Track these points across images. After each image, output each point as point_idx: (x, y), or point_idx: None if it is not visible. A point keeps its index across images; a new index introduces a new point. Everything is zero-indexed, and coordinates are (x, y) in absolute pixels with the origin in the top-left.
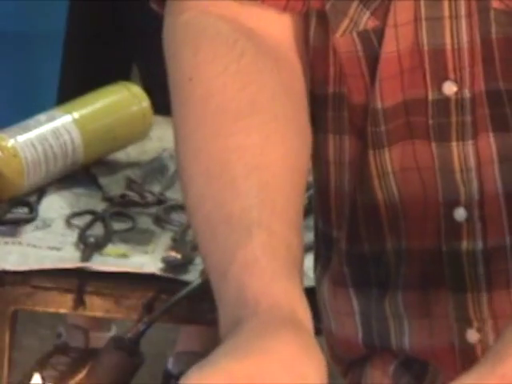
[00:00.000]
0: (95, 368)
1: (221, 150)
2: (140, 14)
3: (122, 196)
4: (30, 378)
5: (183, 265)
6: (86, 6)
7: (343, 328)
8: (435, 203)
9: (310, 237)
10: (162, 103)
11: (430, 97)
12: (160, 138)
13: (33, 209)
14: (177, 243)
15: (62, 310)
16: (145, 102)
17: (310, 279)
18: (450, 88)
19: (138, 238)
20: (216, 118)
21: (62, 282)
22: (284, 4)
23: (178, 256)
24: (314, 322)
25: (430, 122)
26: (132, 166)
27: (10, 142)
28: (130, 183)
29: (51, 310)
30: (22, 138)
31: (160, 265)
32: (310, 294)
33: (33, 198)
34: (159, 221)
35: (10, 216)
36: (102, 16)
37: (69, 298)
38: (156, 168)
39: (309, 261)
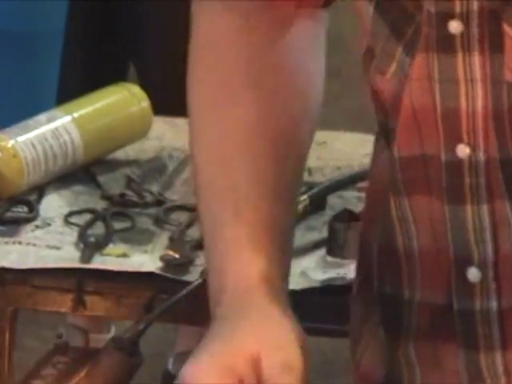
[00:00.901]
0: (95, 368)
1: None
2: (137, 14)
3: (121, 195)
4: (31, 378)
5: (183, 265)
6: (85, 6)
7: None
8: (447, 260)
9: (310, 237)
10: (158, 103)
11: (443, 157)
12: (158, 137)
13: (33, 208)
14: (175, 242)
15: (62, 310)
16: (144, 102)
17: (309, 279)
18: (463, 150)
19: (138, 238)
20: (222, 87)
21: (62, 282)
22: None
23: (177, 255)
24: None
25: (444, 181)
26: (130, 165)
27: (10, 143)
28: (129, 182)
29: (51, 309)
30: (22, 138)
31: (159, 264)
32: (309, 294)
33: (33, 197)
34: (158, 221)
35: (9, 215)
36: (99, 16)
37: (68, 298)
38: (154, 167)
39: (309, 261)
